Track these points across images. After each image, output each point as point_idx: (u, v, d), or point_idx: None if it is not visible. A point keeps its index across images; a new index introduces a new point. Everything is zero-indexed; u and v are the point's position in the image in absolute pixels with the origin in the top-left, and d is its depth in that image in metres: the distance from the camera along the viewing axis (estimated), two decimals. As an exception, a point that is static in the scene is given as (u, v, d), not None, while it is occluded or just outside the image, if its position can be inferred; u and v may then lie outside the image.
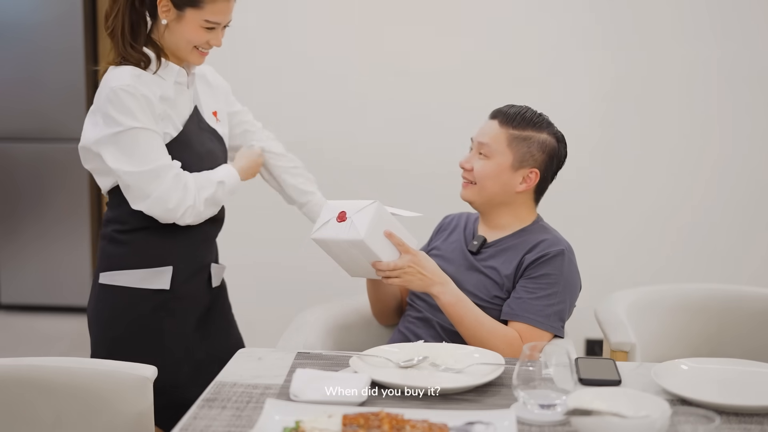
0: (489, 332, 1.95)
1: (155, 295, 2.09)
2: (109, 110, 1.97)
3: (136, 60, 2.03)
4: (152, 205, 2.00)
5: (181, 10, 2.02)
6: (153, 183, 1.98)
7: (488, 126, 2.10)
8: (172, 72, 2.08)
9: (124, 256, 2.09)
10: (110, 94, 1.97)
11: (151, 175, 1.98)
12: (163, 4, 2.01)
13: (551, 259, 2.01)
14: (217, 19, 2.03)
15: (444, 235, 2.24)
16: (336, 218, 1.94)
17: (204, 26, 2.03)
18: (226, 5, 2.04)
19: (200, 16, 2.02)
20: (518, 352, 1.92)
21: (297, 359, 1.77)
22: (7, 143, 4.63)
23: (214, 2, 2.01)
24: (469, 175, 2.10)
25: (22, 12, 4.50)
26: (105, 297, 2.11)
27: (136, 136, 1.97)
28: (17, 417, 1.73)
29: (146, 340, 2.09)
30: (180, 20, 2.03)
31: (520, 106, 2.11)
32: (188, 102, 2.14)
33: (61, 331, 4.44)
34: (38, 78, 4.54)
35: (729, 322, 2.40)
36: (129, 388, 1.72)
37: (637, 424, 1.35)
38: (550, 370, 1.46)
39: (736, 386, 1.61)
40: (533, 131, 2.07)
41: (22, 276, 4.69)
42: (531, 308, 1.97)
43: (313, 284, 2.81)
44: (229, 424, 1.46)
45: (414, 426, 1.36)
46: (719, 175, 3.41)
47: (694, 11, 3.33)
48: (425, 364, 1.74)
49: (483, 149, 2.08)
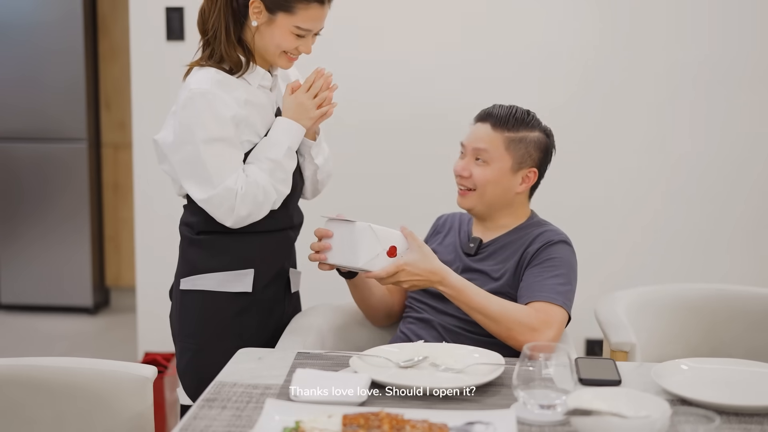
0: (500, 311, 1.91)
1: (237, 299, 2.05)
2: (182, 116, 1.94)
3: (236, 62, 1.99)
4: (237, 224, 1.97)
5: (273, 13, 1.96)
6: (224, 206, 1.94)
7: (481, 130, 2.08)
8: (258, 76, 2.03)
9: (204, 259, 2.05)
10: (187, 100, 1.94)
11: (219, 200, 1.93)
12: (255, 5, 1.96)
13: (554, 245, 2.03)
14: (308, 25, 1.97)
15: (439, 238, 2.23)
16: (387, 252, 1.90)
17: (295, 32, 1.97)
18: (319, 12, 1.97)
19: (291, 22, 1.96)
20: (536, 329, 1.89)
21: (297, 359, 1.77)
22: (8, 143, 4.63)
23: (307, 8, 1.95)
24: (467, 182, 2.07)
25: (22, 12, 4.50)
26: (187, 303, 2.07)
27: (204, 150, 1.92)
28: (17, 417, 1.73)
29: (228, 345, 1.98)
30: (271, 24, 1.97)
31: (506, 106, 2.09)
32: (272, 105, 2.08)
33: (61, 331, 4.44)
34: (39, 78, 4.55)
35: (729, 322, 2.40)
36: (129, 388, 1.72)
37: (637, 424, 1.35)
38: (550, 370, 1.46)
39: (736, 386, 1.61)
40: (527, 131, 2.07)
41: (23, 276, 4.69)
42: (543, 287, 1.96)
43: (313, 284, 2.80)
44: (229, 424, 1.46)
45: (414, 426, 1.36)
46: (719, 175, 3.40)
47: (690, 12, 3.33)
48: (425, 364, 1.74)
49: (481, 155, 2.05)
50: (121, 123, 4.76)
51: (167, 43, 3.42)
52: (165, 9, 3.40)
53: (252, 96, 2.01)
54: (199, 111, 1.93)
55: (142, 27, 3.44)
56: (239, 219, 1.96)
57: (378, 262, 1.89)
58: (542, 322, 1.90)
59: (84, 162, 4.61)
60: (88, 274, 4.67)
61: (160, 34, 3.41)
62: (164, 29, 3.41)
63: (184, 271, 2.08)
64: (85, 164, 4.61)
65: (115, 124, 4.78)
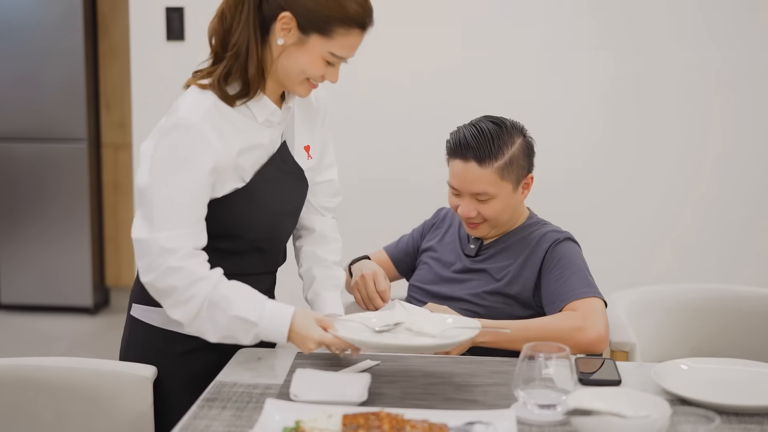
0: (540, 330, 1.85)
1: (188, 340, 1.75)
2: (159, 143, 1.65)
3: (254, 86, 1.68)
4: (147, 286, 1.66)
5: (306, 34, 1.65)
6: (144, 260, 1.64)
7: (470, 172, 1.98)
8: (266, 109, 1.73)
9: None
10: (170, 128, 1.65)
11: (143, 250, 1.63)
12: (284, 21, 1.64)
13: (561, 243, 2.02)
14: (343, 53, 1.68)
15: (438, 233, 2.23)
16: None
17: (327, 59, 1.67)
18: (357, 39, 1.68)
19: (326, 47, 1.66)
20: (582, 326, 1.86)
21: (297, 359, 1.77)
22: (7, 143, 4.63)
23: (347, 34, 1.66)
24: (476, 218, 2.03)
25: (22, 12, 4.50)
26: (135, 331, 1.85)
27: (160, 190, 1.62)
28: (17, 417, 1.73)
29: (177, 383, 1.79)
30: (301, 46, 1.66)
31: (474, 131, 1.99)
32: (274, 140, 1.78)
33: (61, 331, 4.44)
34: (38, 78, 4.55)
35: (729, 322, 2.40)
36: (129, 388, 1.72)
37: (637, 424, 1.35)
38: (550, 370, 1.46)
39: (736, 386, 1.61)
40: (508, 147, 2.00)
41: (22, 276, 4.69)
42: (569, 287, 1.95)
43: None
44: (229, 424, 1.46)
45: (414, 426, 1.36)
46: (719, 175, 3.40)
47: (692, 13, 3.33)
48: (401, 329, 1.71)
49: (481, 196, 2.00)
50: (121, 123, 4.75)
51: (167, 43, 3.42)
52: (165, 9, 3.41)
53: (252, 139, 1.72)
54: (174, 146, 1.64)
55: (142, 27, 3.44)
56: (151, 286, 1.65)
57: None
58: (585, 318, 1.89)
59: (84, 162, 4.61)
60: (88, 274, 4.66)
61: (160, 34, 3.42)
62: (164, 29, 3.41)
63: (137, 295, 1.83)
64: (85, 164, 4.61)
65: (115, 124, 4.78)
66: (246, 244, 1.80)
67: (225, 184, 1.70)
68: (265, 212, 1.77)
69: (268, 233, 1.82)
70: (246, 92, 1.70)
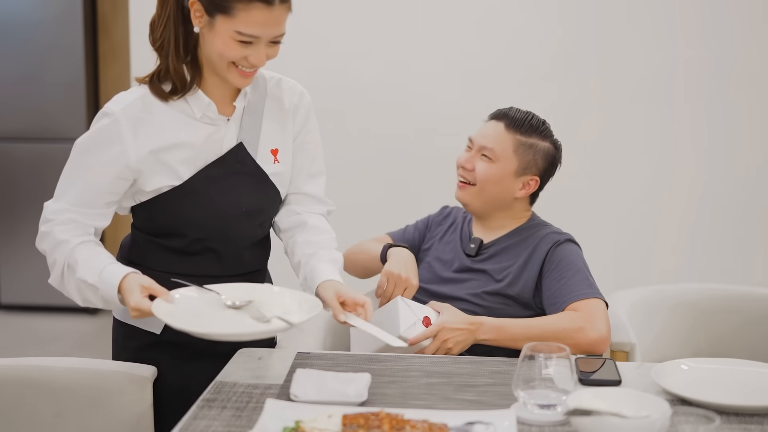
0: (543, 329, 1.88)
1: (146, 335, 1.82)
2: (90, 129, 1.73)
3: (181, 79, 1.70)
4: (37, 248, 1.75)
5: (212, 16, 1.64)
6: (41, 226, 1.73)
7: (493, 128, 2.09)
8: (201, 104, 1.73)
9: None
10: (98, 114, 1.73)
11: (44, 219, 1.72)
12: (195, 7, 1.65)
13: (562, 245, 2.03)
14: (252, 30, 1.62)
15: (440, 231, 2.23)
16: (422, 321, 1.88)
17: (236, 38, 1.63)
18: (264, 15, 1.62)
19: (231, 26, 1.62)
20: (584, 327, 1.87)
21: (297, 359, 1.77)
22: (7, 143, 4.63)
23: (247, 9, 1.61)
24: (469, 176, 2.09)
25: (22, 11, 4.50)
26: (115, 327, 1.91)
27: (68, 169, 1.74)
28: (17, 417, 1.73)
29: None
30: (211, 29, 1.65)
31: (523, 111, 2.10)
32: (218, 139, 1.76)
33: (61, 331, 4.44)
34: (38, 77, 4.55)
35: (729, 322, 2.40)
36: (129, 388, 1.72)
37: (637, 424, 1.34)
38: (550, 370, 1.46)
39: (736, 386, 1.61)
40: (538, 139, 2.08)
41: (22, 276, 4.69)
42: (570, 288, 1.97)
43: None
44: (229, 424, 1.46)
45: (414, 426, 1.36)
46: (719, 175, 3.40)
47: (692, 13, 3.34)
48: (250, 308, 1.64)
49: (487, 152, 2.06)
50: (121, 123, 4.75)
51: (167, 43, 3.42)
52: (165, 9, 3.40)
53: (178, 137, 1.72)
54: (92, 130, 1.72)
55: (142, 27, 3.43)
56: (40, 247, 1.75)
57: (416, 329, 1.88)
58: (586, 319, 1.90)
59: (84, 162, 4.61)
60: (88, 274, 4.66)
61: (160, 34, 3.41)
62: (164, 29, 3.41)
63: None
64: (85, 164, 4.61)
65: (115, 124, 4.78)
66: (197, 244, 1.80)
67: (151, 179, 1.72)
68: (212, 212, 1.77)
69: (217, 234, 1.80)
70: (176, 87, 1.72)
